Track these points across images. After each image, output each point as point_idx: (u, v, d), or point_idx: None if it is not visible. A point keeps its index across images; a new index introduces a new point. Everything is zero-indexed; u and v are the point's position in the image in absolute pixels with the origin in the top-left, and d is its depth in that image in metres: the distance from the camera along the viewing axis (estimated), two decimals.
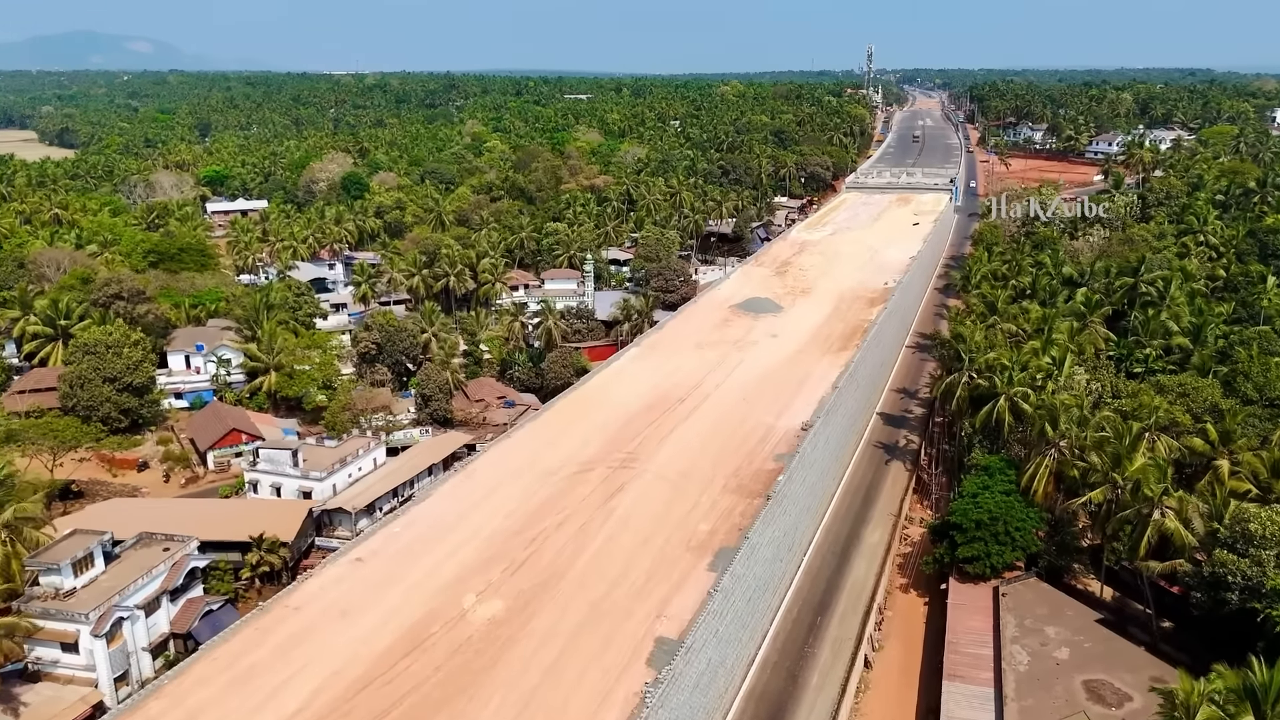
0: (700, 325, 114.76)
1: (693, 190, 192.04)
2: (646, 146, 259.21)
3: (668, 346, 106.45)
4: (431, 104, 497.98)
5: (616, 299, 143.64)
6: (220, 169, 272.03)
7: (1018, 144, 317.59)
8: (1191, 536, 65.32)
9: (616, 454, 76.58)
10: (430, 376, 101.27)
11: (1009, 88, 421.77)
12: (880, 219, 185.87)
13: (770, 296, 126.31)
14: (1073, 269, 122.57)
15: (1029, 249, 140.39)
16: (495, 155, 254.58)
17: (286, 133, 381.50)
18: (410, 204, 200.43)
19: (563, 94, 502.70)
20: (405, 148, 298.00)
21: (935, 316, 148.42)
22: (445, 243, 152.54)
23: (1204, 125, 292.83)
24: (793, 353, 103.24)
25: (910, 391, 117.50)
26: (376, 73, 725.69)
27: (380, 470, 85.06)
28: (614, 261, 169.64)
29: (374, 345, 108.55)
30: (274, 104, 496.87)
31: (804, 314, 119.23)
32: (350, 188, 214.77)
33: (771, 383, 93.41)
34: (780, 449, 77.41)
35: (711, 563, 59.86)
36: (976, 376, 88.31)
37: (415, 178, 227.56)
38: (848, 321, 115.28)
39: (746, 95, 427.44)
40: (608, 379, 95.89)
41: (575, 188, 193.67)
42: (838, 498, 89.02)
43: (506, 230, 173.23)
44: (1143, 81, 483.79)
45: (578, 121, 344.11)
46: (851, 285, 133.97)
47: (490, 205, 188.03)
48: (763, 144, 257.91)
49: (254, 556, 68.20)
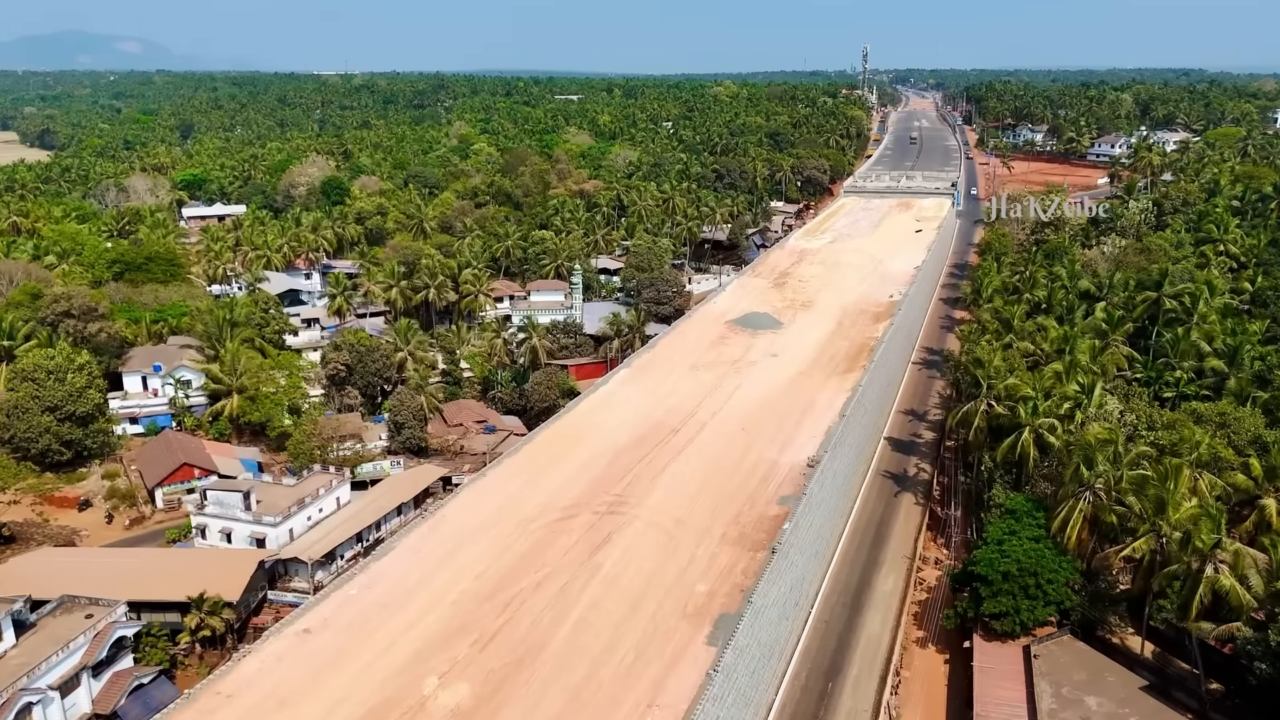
0: (695, 343, 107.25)
1: (686, 196, 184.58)
2: (638, 149, 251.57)
3: (660, 367, 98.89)
4: (419, 105, 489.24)
5: (607, 311, 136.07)
6: (198, 172, 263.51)
7: (1017, 146, 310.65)
8: (1249, 596, 58.18)
9: (603, 496, 68.99)
10: (403, 402, 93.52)
11: (1006, 88, 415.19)
12: (881, 226, 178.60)
13: (769, 311, 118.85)
14: (1090, 282, 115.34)
15: (1040, 259, 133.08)
16: (482, 158, 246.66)
17: (270, 134, 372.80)
18: (393, 209, 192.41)
19: (553, 95, 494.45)
20: (390, 150, 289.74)
21: (941, 330, 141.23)
22: (426, 252, 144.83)
23: (1208, 127, 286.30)
24: (795, 375, 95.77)
25: (919, 413, 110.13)
26: (366, 73, 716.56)
27: (344, 511, 77.32)
28: (604, 271, 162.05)
29: (343, 367, 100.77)
30: (259, 105, 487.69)
31: (805, 330, 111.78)
32: (330, 192, 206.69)
33: (773, 410, 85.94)
34: (785, 489, 69.95)
35: (710, 634, 52.35)
36: (996, 405, 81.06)
37: (399, 182, 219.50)
38: (852, 339, 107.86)
39: (740, 96, 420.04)
40: (595, 405, 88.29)
41: (564, 193, 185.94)
42: (846, 538, 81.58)
43: (491, 238, 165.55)
44: (1139, 82, 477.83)
45: (568, 123, 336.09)
46: (854, 298, 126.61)
47: (475, 211, 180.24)
48: (758, 146, 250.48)
49: (193, 619, 60.43)
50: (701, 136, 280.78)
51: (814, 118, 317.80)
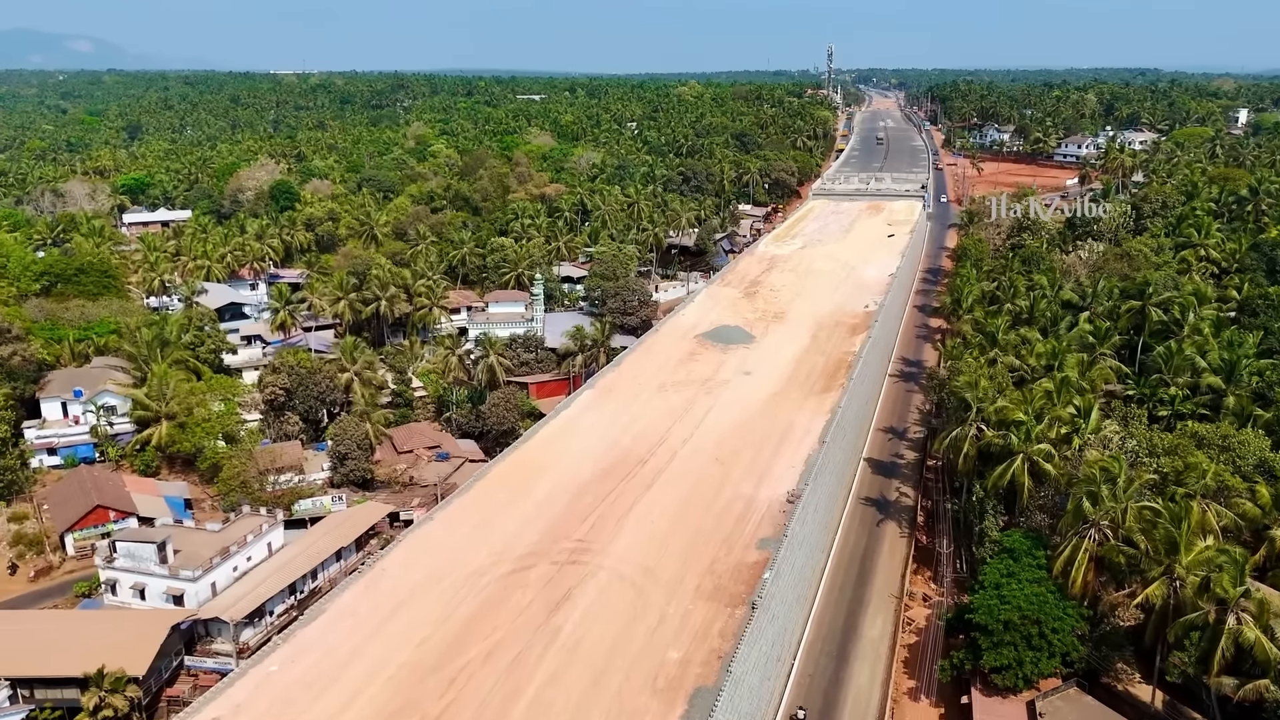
0: (663, 360, 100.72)
1: (651, 200, 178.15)
2: (601, 151, 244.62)
3: (627, 388, 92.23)
4: (378, 105, 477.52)
5: (570, 322, 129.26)
6: (141, 176, 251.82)
7: (984, 146, 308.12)
8: (1276, 650, 52.91)
9: (563, 542, 62.20)
10: (346, 430, 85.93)
11: (971, 88, 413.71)
12: (852, 230, 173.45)
13: (741, 324, 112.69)
14: (1073, 292, 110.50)
15: (1018, 265, 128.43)
16: (440, 161, 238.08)
17: (221, 135, 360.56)
18: (345, 215, 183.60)
19: (515, 95, 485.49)
20: (346, 152, 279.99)
21: (918, 340, 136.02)
22: (376, 262, 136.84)
23: (1174, 127, 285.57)
24: (770, 395, 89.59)
25: (898, 431, 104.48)
26: (324, 72, 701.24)
27: (276, 559, 69.73)
28: (567, 279, 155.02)
29: (282, 391, 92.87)
30: (210, 105, 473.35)
31: (779, 345, 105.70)
32: (279, 197, 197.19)
33: (748, 436, 79.65)
34: (763, 530, 63.68)
35: (685, 714, 45.82)
36: (986, 430, 75.46)
37: (352, 185, 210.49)
38: (828, 354, 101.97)
39: (705, 96, 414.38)
40: (556, 433, 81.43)
41: (524, 197, 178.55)
42: (828, 575, 75.49)
43: (448, 244, 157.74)
44: (1099, 81, 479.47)
45: (530, 123, 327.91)
46: (829, 309, 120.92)
47: (431, 217, 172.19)
48: (724, 148, 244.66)
49: (91, 699, 52.69)
50: (667, 137, 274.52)
51: (780, 118, 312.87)
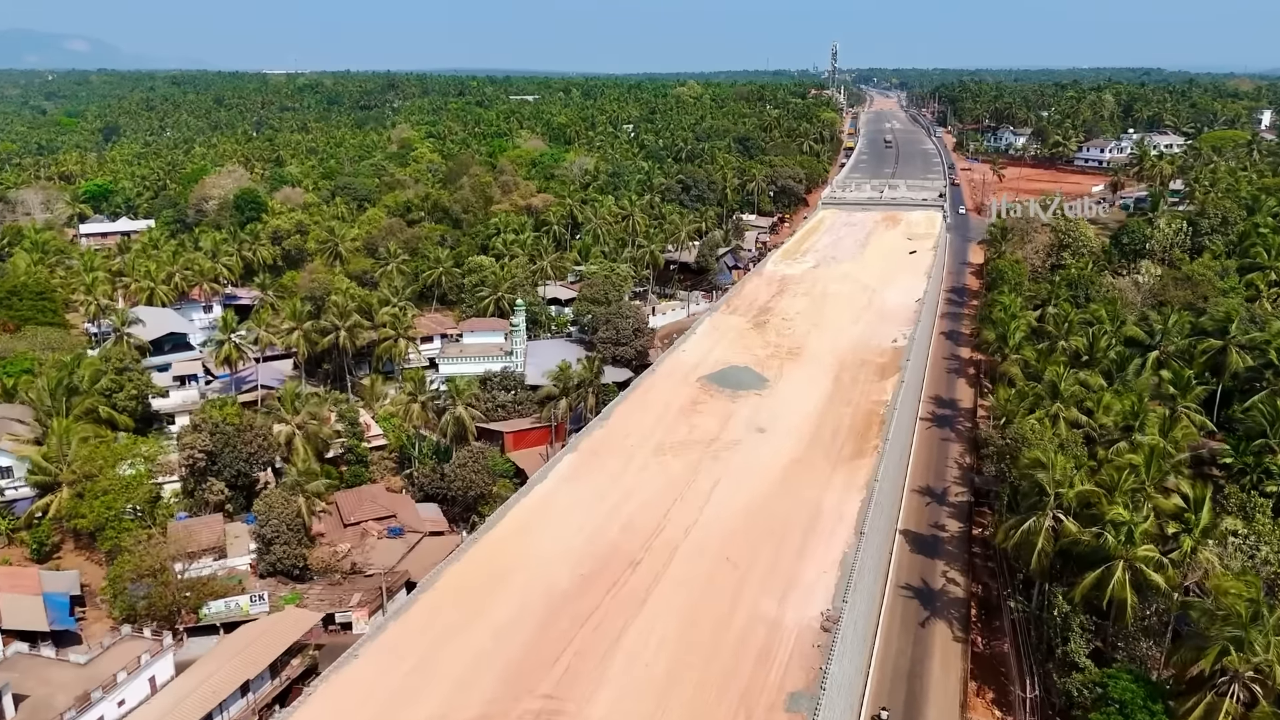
0: (660, 411, 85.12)
1: (647, 213, 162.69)
2: (596, 155, 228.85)
3: (616, 450, 76.65)
4: (366, 106, 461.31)
5: (555, 352, 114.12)
6: (105, 182, 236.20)
7: (999, 150, 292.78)
8: None
9: (526, 700, 46.60)
10: (273, 508, 70.26)
11: (981, 89, 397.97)
12: (869, 245, 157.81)
13: (750, 363, 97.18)
14: (1138, 327, 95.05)
15: (1064, 290, 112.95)
16: (423, 166, 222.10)
17: (199, 138, 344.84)
18: (313, 228, 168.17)
19: (508, 95, 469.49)
20: (326, 156, 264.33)
21: (948, 374, 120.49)
22: (336, 285, 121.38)
23: (1200, 130, 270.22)
24: (790, 462, 74.05)
25: (937, 493, 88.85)
26: (319, 72, 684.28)
27: (161, 698, 54.05)
28: (554, 301, 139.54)
29: (202, 455, 77.22)
30: (193, 106, 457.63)
31: (797, 391, 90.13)
32: (244, 207, 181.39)
33: (766, 523, 64.13)
34: (792, 676, 48.21)
35: None
36: (1064, 519, 60.02)
37: (325, 194, 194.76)
38: (856, 404, 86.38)
39: (705, 97, 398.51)
40: (527, 517, 65.79)
41: (508, 209, 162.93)
42: (868, 699, 59.90)
43: (424, 262, 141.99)
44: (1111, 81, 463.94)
45: (521, 126, 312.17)
46: (850, 342, 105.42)
47: (405, 231, 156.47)
48: (726, 153, 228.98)
49: None
50: (665, 141, 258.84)
51: (785, 120, 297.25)
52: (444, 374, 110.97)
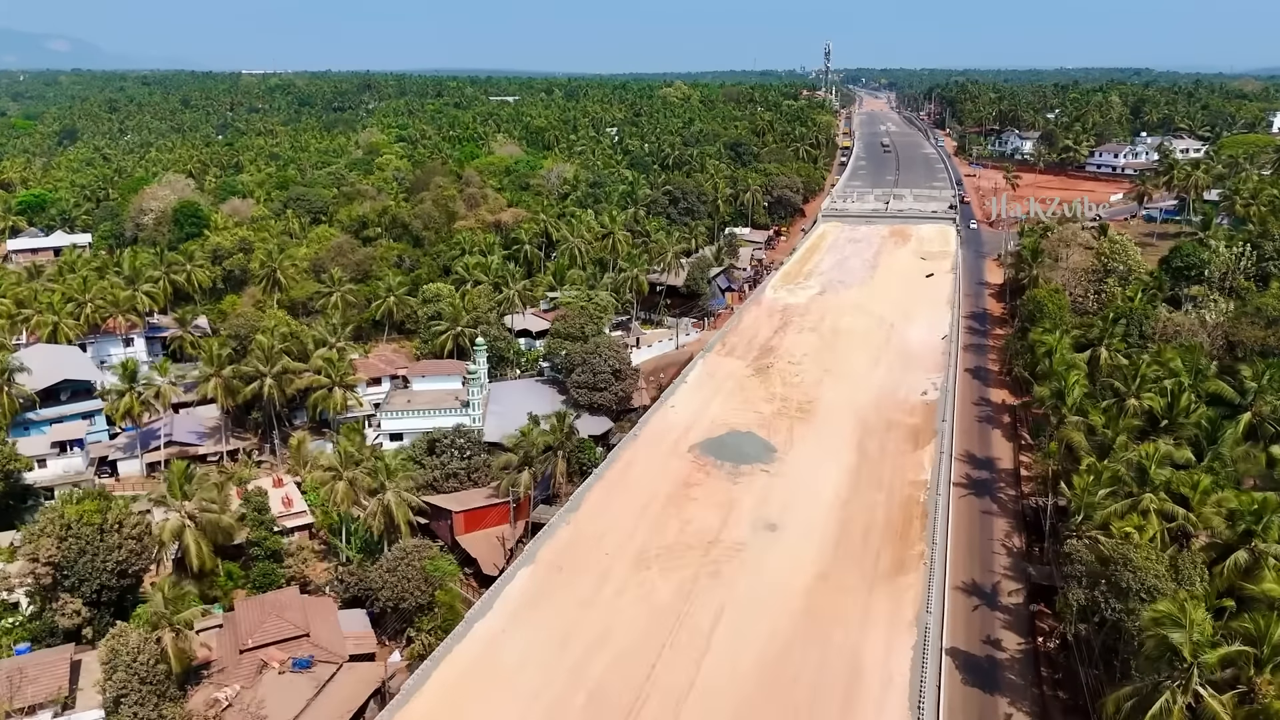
0: (644, 498, 67.94)
1: (631, 229, 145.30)
2: (575, 162, 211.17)
3: (586, 563, 59.40)
4: (340, 107, 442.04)
5: (522, 398, 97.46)
6: (43, 192, 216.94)
7: (1004, 155, 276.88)
8: None
9: None
10: (121, 652, 52.30)
11: (982, 90, 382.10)
12: (879, 266, 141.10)
13: (754, 425, 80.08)
14: (1221, 382, 78.38)
15: (1117, 329, 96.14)
16: (388, 173, 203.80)
17: (160, 141, 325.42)
18: (260, 245, 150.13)
19: (488, 96, 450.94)
20: (289, 161, 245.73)
21: (979, 422, 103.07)
22: (267, 320, 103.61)
23: (1218, 133, 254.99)
24: (813, 579, 56.96)
25: (986, 592, 71.51)
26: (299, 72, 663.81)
27: None
28: (524, 333, 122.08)
29: (47, 569, 59.27)
30: (157, 108, 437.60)
31: (813, 464, 73.09)
32: (184, 221, 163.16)
33: (788, 691, 47.01)
34: None
35: None
36: (1208, 695, 43.15)
37: (277, 206, 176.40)
38: (889, 486, 69.43)
39: (693, 99, 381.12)
40: (458, 686, 48.31)
41: (473, 225, 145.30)
42: None
43: (379, 286, 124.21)
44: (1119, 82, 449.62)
45: (499, 129, 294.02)
46: (871, 394, 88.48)
47: (358, 250, 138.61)
48: (717, 160, 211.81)
49: None
50: (651, 146, 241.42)
51: (779, 124, 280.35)
52: (386, 430, 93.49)
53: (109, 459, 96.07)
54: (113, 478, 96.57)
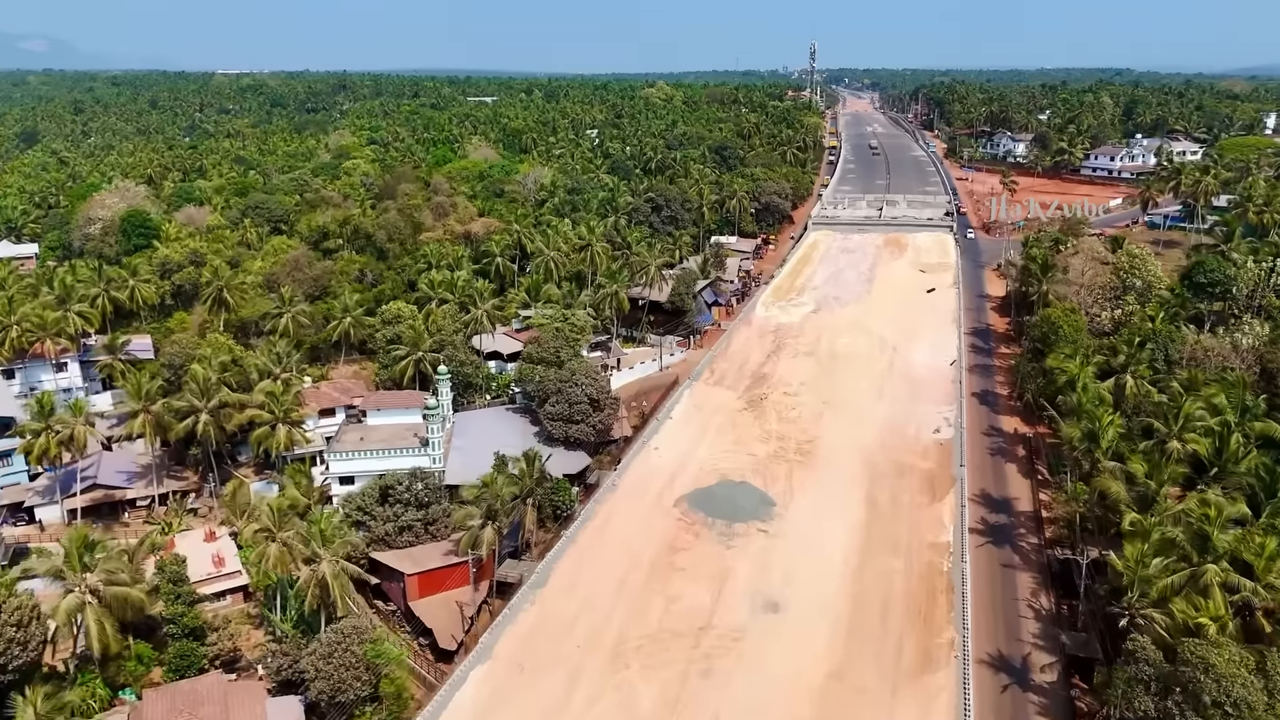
0: (623, 566, 58.40)
1: (612, 240, 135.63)
2: (553, 167, 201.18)
3: (552, 658, 49.82)
4: (313, 108, 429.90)
5: (491, 429, 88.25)
6: None
7: (996, 157, 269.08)
8: None
9: None
10: None
11: (970, 91, 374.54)
12: (875, 279, 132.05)
13: (748, 471, 70.73)
14: (1269, 422, 69.66)
15: (1143, 353, 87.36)
16: (355, 179, 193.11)
17: (124, 144, 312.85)
18: (212, 258, 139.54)
19: (466, 96, 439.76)
20: (253, 166, 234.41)
21: (991, 456, 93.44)
22: (200, 350, 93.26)
23: (1215, 135, 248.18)
24: (825, 679, 47.61)
25: (1013, 665, 62.25)
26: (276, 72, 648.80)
27: None
28: (494, 355, 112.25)
29: None
30: (123, 109, 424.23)
31: (817, 521, 63.75)
32: (132, 232, 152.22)
33: None
34: None
35: None
36: None
37: (234, 215, 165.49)
38: (906, 550, 60.17)
39: (676, 100, 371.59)
40: None
41: (441, 236, 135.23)
42: None
43: (335, 303, 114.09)
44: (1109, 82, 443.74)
45: (475, 131, 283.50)
46: (878, 431, 79.25)
47: (317, 264, 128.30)
48: (701, 164, 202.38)
49: None
50: (633, 149, 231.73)
51: (765, 126, 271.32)
52: (335, 472, 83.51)
53: (24, 505, 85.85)
54: (31, 525, 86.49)
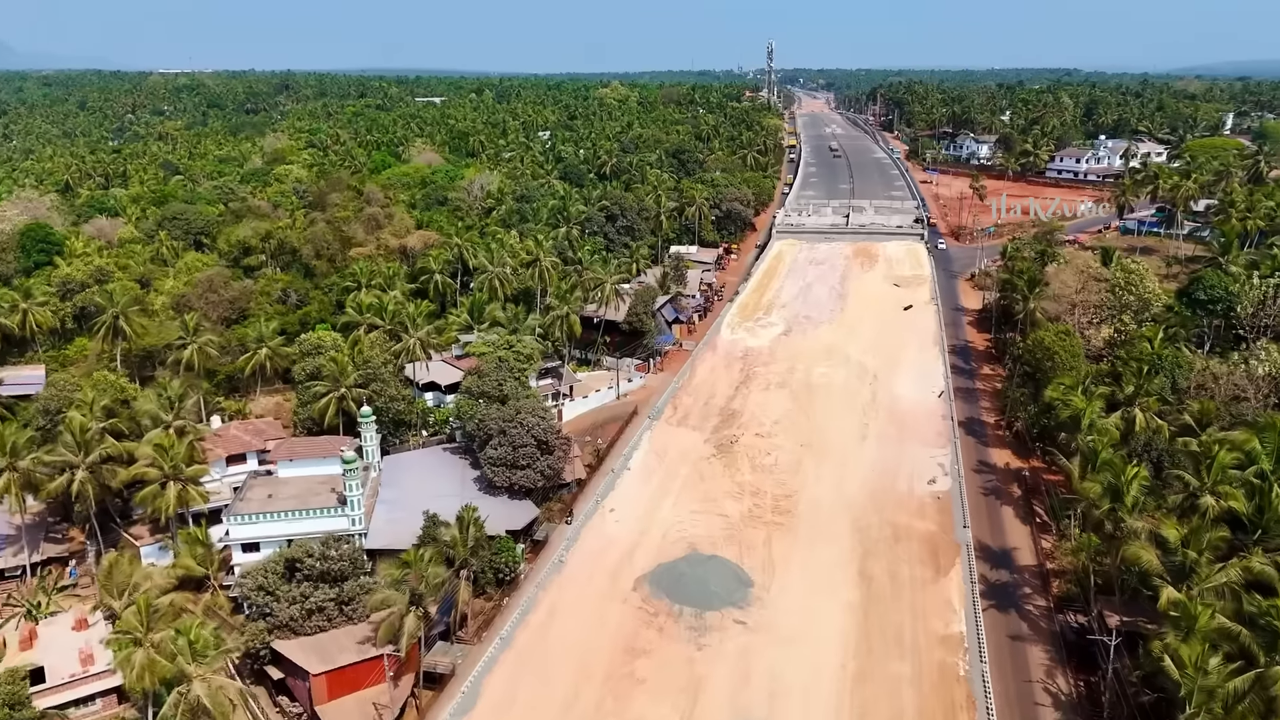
0: (568, 679, 47.55)
1: (562, 257, 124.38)
2: (501, 172, 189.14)
3: None
4: (253, 109, 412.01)
5: (424, 477, 76.87)
6: None
7: (960, 159, 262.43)
8: None
9: None
10: None
11: (928, 90, 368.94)
12: (847, 294, 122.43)
13: (720, 537, 60.08)
14: None
15: (1152, 383, 78.50)
16: (287, 185, 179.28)
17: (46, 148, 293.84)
18: (120, 275, 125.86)
19: (414, 97, 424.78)
20: (181, 171, 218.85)
21: (986, 497, 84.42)
22: (82, 394, 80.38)
23: (1181, 137, 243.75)
24: None
25: None
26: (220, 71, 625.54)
27: None
28: (430, 387, 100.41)
29: None
30: (50, 111, 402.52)
31: (804, 607, 53.28)
32: (32, 248, 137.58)
33: None
34: None
35: None
36: None
37: (149, 228, 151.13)
38: (912, 647, 49.97)
39: (631, 100, 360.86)
40: None
41: (374, 252, 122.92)
42: None
43: (248, 331, 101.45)
44: (1064, 83, 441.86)
45: (421, 133, 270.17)
46: (866, 482, 69.11)
47: (234, 284, 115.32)
48: (658, 169, 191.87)
49: None
50: (587, 153, 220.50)
51: (724, 128, 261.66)
52: (236, 539, 71.36)
53: None
54: None
